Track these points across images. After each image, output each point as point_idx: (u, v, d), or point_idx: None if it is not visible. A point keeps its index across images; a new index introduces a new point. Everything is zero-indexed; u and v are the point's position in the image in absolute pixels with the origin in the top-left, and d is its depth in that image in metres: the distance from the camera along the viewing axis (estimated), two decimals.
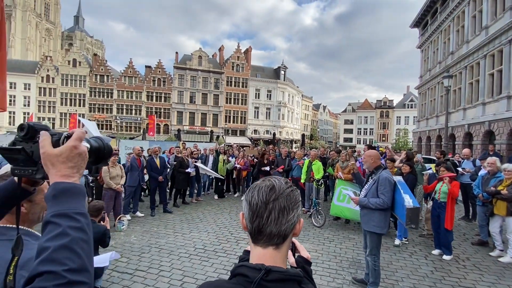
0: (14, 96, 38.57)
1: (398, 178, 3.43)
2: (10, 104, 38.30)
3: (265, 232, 0.72)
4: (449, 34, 19.25)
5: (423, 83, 24.18)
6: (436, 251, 4.66)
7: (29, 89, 39.03)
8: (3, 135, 6.90)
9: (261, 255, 0.73)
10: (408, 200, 3.10)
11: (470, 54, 15.82)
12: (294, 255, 1.01)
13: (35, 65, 40.44)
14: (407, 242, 5.19)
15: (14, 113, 38.88)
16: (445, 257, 4.45)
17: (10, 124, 38.60)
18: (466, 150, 7.05)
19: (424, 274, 3.94)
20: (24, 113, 38.63)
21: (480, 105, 14.86)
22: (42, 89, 39.19)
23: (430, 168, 7.56)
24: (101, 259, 1.89)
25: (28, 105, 39.03)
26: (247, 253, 0.98)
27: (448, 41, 19.37)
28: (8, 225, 1.10)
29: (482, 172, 5.39)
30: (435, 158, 11.04)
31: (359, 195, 5.21)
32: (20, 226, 1.11)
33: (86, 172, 5.09)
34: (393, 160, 5.69)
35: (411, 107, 54.85)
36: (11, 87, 37.86)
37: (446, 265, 4.25)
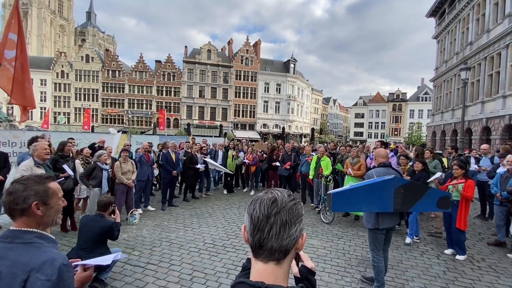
0: None
1: (388, 177, 3.07)
2: None
3: (266, 246, 0.71)
4: (468, 23, 18.36)
5: (438, 75, 23.30)
6: (448, 251, 4.54)
7: (45, 84, 40.19)
8: (20, 131, 7.14)
9: (261, 271, 0.72)
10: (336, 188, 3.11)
11: (491, 44, 15.06)
12: (297, 264, 0.99)
13: (50, 61, 41.52)
14: (418, 241, 5.08)
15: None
16: (458, 257, 4.33)
17: (28, 118, 39.96)
18: (485, 146, 6.73)
19: (435, 274, 3.86)
20: (41, 108, 39.88)
21: (500, 98, 14.20)
22: (57, 84, 40.27)
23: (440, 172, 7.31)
24: (104, 259, 1.92)
25: (45, 100, 40.26)
26: (250, 261, 0.97)
27: (467, 30, 18.49)
28: (23, 229, 1.13)
29: (501, 170, 5.17)
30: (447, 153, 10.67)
31: None
32: (34, 229, 1.15)
33: (107, 167, 5.19)
34: (407, 157, 5.53)
35: (426, 100, 53.13)
36: None
37: (459, 266, 4.14)
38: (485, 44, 15.45)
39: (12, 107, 36.32)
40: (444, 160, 7.62)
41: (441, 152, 9.35)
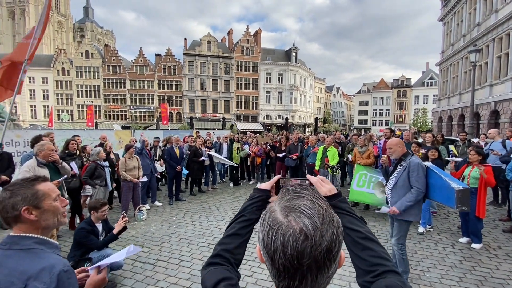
0: (34, 90, 40.05)
1: (428, 163, 3.27)
2: (30, 98, 39.94)
3: None
4: (475, 3, 17.69)
5: (445, 58, 22.70)
6: (463, 239, 4.43)
7: (46, 82, 40.19)
8: (23, 130, 7.10)
9: None
10: (454, 183, 2.95)
11: (499, 25, 14.52)
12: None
13: (50, 59, 41.34)
14: (431, 230, 4.98)
15: (35, 106, 40.53)
16: (474, 245, 4.22)
17: (32, 117, 40.27)
18: (492, 130, 6.50)
19: (452, 264, 3.76)
20: (44, 106, 40.06)
21: (509, 80, 13.79)
22: (59, 82, 40.24)
23: (452, 153, 7.14)
24: (117, 256, 1.75)
25: (47, 98, 40.35)
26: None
27: (474, 11, 17.84)
28: (22, 234, 1.07)
29: None
30: (457, 139, 10.49)
31: (380, 179, 5.02)
32: (34, 235, 1.07)
33: (106, 163, 5.10)
34: (420, 144, 5.38)
35: (431, 85, 52.07)
36: (30, 82, 39.22)
37: (475, 254, 4.03)
38: (493, 25, 14.90)
39: (15, 106, 36.52)
40: (452, 147, 7.42)
41: (457, 138, 9.12)
